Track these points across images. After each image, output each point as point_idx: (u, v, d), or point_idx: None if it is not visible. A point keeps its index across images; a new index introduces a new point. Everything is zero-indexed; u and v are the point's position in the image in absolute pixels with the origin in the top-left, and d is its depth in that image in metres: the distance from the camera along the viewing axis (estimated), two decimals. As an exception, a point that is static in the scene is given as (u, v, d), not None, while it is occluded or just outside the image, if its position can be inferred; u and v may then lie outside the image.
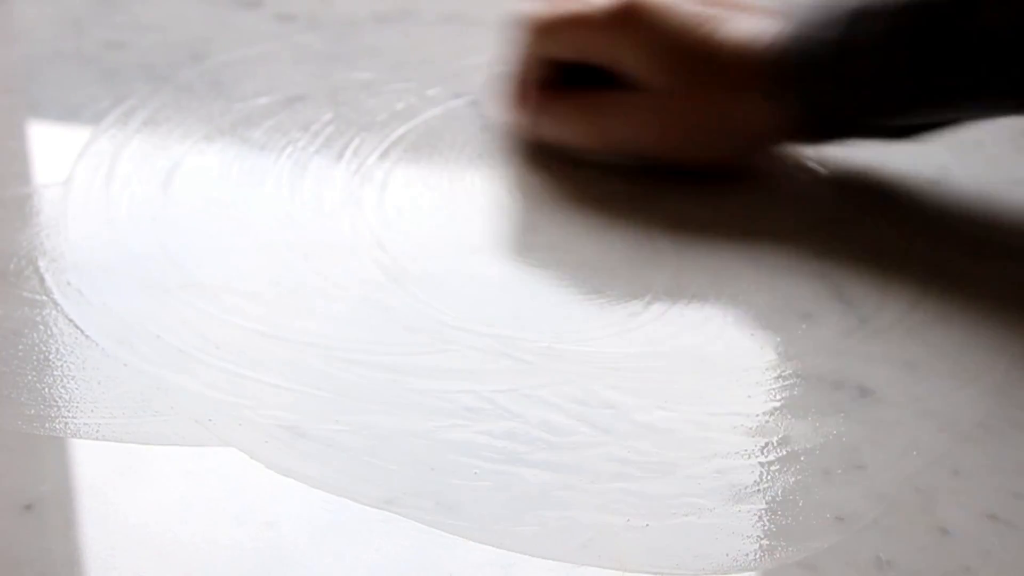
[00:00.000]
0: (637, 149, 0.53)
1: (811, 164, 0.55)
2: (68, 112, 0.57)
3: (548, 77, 0.54)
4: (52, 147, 0.55)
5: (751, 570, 0.36)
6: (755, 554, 0.37)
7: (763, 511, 0.38)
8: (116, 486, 0.38)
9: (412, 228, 0.50)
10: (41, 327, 0.43)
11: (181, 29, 0.64)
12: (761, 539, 0.37)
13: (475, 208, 0.52)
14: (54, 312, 0.44)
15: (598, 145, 0.54)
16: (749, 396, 0.42)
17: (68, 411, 0.40)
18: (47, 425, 0.39)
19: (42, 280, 0.46)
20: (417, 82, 0.60)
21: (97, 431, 0.39)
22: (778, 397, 0.42)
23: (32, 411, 0.40)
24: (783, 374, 0.43)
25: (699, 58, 0.51)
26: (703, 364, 0.43)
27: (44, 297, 0.45)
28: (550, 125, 0.55)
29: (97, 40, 0.63)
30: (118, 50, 0.62)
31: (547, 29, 0.54)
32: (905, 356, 0.44)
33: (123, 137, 0.55)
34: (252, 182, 0.52)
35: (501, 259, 0.49)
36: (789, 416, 0.42)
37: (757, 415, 0.41)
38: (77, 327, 0.43)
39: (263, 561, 0.35)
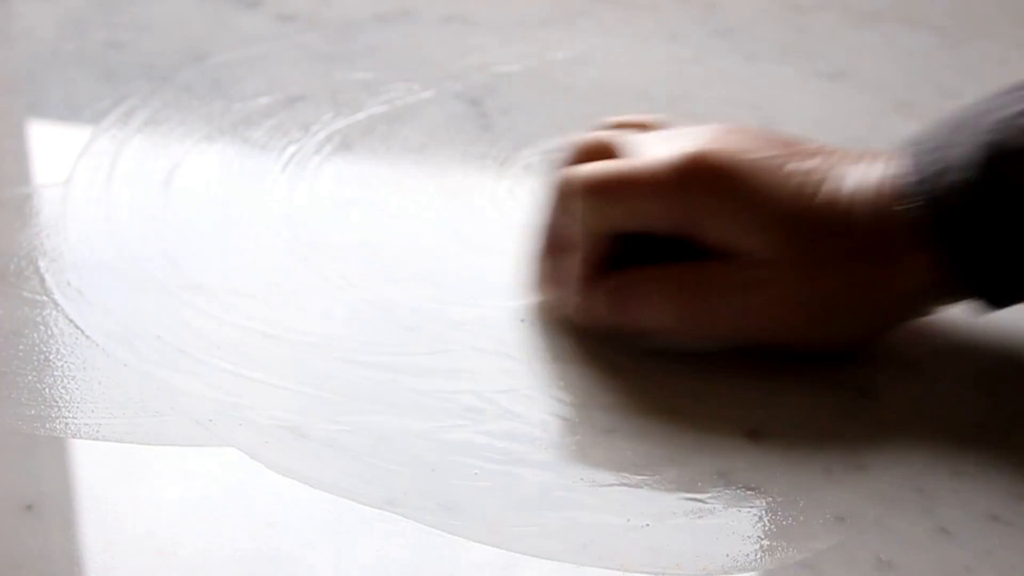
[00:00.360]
0: (748, 335, 0.44)
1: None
2: (68, 112, 0.57)
3: (608, 251, 0.44)
4: (52, 147, 0.55)
5: (751, 570, 0.36)
6: (755, 554, 0.37)
7: (763, 511, 0.38)
8: (116, 486, 0.38)
9: (412, 228, 0.50)
10: (41, 327, 0.43)
11: (181, 29, 0.64)
12: (761, 539, 0.37)
13: (476, 209, 0.52)
14: (54, 312, 0.44)
15: (694, 331, 0.44)
16: (748, 397, 0.42)
17: (68, 411, 0.40)
18: (47, 425, 0.39)
19: (42, 280, 0.46)
20: (417, 82, 0.60)
21: (97, 431, 0.39)
22: (778, 397, 0.42)
23: (32, 411, 0.40)
24: (782, 374, 0.43)
25: (817, 222, 0.42)
26: (702, 365, 0.43)
27: (44, 297, 0.45)
28: (628, 311, 0.44)
29: (97, 40, 0.63)
30: (118, 50, 0.62)
31: (601, 194, 0.43)
32: (905, 356, 0.44)
33: (123, 137, 0.55)
34: (252, 182, 0.52)
35: (502, 259, 0.49)
36: (790, 416, 0.41)
37: (757, 416, 0.41)
38: (77, 327, 0.43)
39: (263, 561, 0.35)
